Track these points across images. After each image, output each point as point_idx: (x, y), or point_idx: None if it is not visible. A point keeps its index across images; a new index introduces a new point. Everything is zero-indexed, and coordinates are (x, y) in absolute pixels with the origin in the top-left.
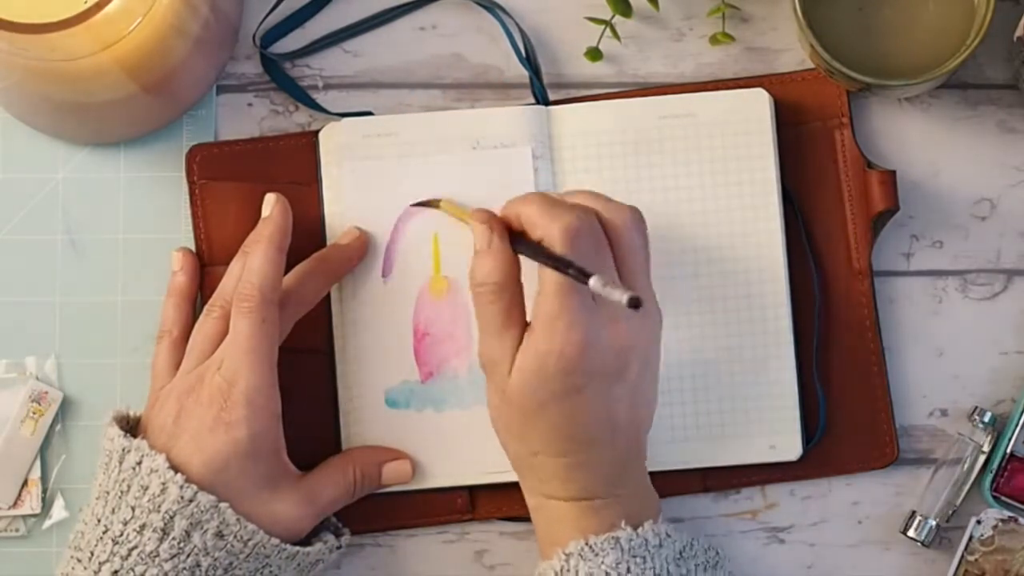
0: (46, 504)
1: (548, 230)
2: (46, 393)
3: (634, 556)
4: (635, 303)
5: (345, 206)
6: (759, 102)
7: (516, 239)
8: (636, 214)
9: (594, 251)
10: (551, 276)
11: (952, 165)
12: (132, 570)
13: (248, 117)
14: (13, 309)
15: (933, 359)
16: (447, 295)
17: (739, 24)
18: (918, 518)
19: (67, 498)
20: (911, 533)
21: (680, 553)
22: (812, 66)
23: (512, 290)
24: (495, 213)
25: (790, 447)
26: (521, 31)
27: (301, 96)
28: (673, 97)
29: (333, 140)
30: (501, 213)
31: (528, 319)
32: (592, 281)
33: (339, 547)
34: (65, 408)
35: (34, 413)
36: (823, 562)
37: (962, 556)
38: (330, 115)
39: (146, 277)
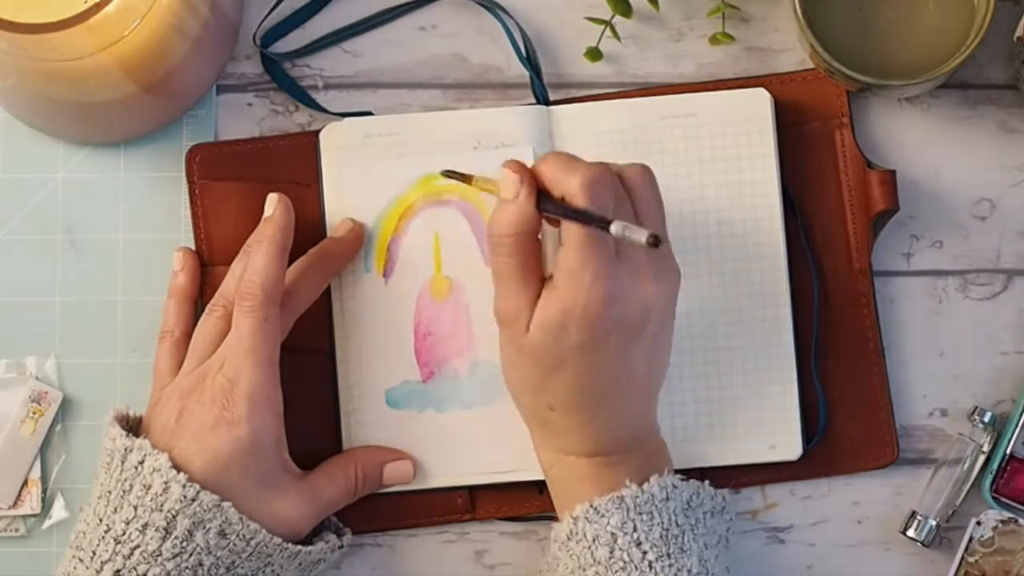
0: (46, 504)
1: (567, 184)
2: (46, 393)
3: (640, 513)
4: (654, 241)
5: (346, 206)
6: (760, 102)
7: (538, 197)
8: (648, 171)
9: (613, 203)
10: (574, 230)
11: (952, 165)
12: (134, 569)
13: (248, 117)
14: (13, 309)
15: (933, 359)
16: (449, 295)
17: (739, 24)
18: (918, 518)
19: (67, 498)
20: (911, 533)
21: (688, 503)
22: (812, 66)
23: (532, 245)
24: (526, 166)
25: (790, 447)
26: (521, 31)
27: (301, 96)
28: (673, 97)
29: (334, 140)
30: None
31: (546, 274)
32: (613, 227)
33: (341, 547)
34: (65, 408)
35: (34, 413)
36: (823, 562)
37: (962, 557)
38: (330, 115)
39: (146, 277)
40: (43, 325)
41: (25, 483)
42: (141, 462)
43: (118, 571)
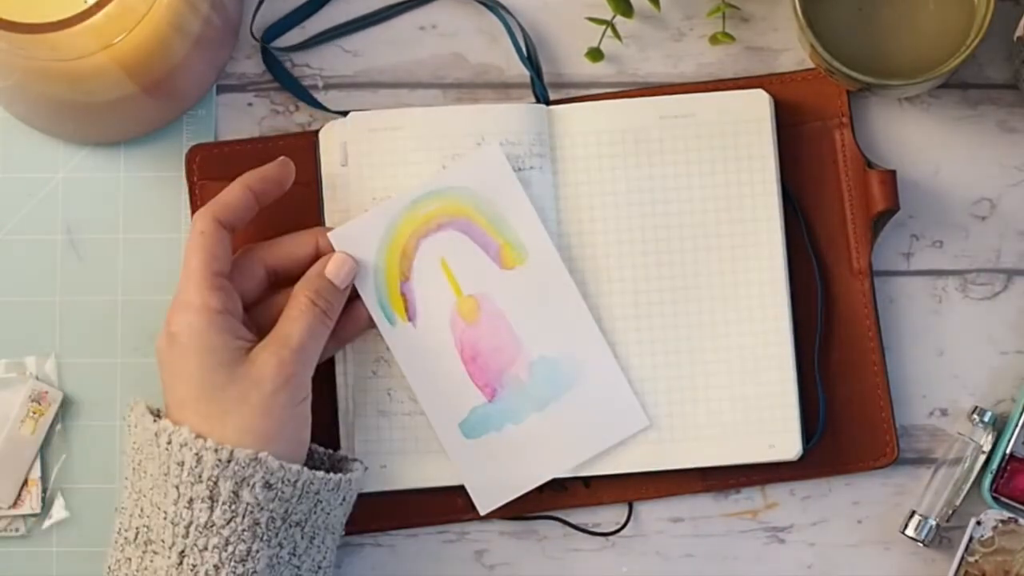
0: (46, 504)
1: None
2: (46, 393)
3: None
4: None
5: (345, 206)
6: (759, 102)
7: None
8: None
9: None
10: None
11: (952, 165)
12: (195, 545)
13: (248, 117)
14: (13, 309)
15: (933, 359)
16: (479, 313)
17: (739, 24)
18: (918, 518)
19: (67, 498)
20: (911, 533)
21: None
22: (812, 66)
23: None
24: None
25: (790, 447)
26: (523, 30)
27: (301, 92)
28: (673, 97)
29: (334, 139)
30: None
31: None
32: None
33: (365, 468)
34: (65, 408)
35: (34, 413)
36: (823, 562)
37: (962, 557)
38: (331, 113)
39: (146, 277)
40: (43, 325)
41: (25, 483)
42: (169, 442)
43: (182, 552)
